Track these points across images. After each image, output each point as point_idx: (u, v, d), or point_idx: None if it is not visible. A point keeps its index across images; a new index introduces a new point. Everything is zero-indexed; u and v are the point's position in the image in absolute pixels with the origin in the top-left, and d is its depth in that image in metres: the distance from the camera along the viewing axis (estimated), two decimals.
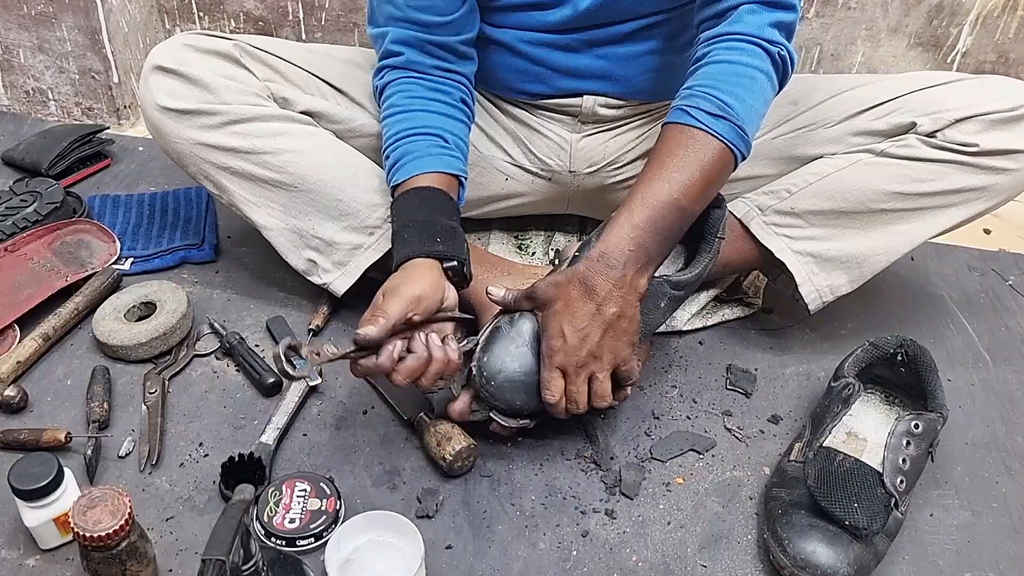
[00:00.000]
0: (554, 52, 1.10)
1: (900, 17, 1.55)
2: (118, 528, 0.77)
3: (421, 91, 1.06)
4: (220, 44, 1.08)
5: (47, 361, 1.12)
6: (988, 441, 1.08)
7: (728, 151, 0.93)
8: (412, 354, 0.91)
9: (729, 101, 0.92)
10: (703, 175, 0.92)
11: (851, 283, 1.11)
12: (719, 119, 0.92)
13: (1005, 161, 1.03)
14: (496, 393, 0.95)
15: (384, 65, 1.08)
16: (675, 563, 0.92)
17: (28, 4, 1.54)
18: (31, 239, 1.25)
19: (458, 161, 1.05)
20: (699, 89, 0.93)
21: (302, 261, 1.13)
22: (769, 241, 1.11)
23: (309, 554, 0.90)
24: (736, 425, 1.08)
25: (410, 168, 1.01)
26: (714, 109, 0.92)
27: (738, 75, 0.94)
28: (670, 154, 0.93)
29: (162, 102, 1.06)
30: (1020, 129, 1.02)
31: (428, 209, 0.99)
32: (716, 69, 0.94)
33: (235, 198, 1.11)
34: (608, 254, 0.91)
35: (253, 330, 1.18)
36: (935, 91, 1.06)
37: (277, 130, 1.07)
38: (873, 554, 0.89)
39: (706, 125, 0.92)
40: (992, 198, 1.06)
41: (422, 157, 1.02)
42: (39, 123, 1.65)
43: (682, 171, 0.92)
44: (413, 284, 0.93)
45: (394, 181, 1.03)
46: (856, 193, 1.06)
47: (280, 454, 1.01)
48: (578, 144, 1.19)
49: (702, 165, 0.92)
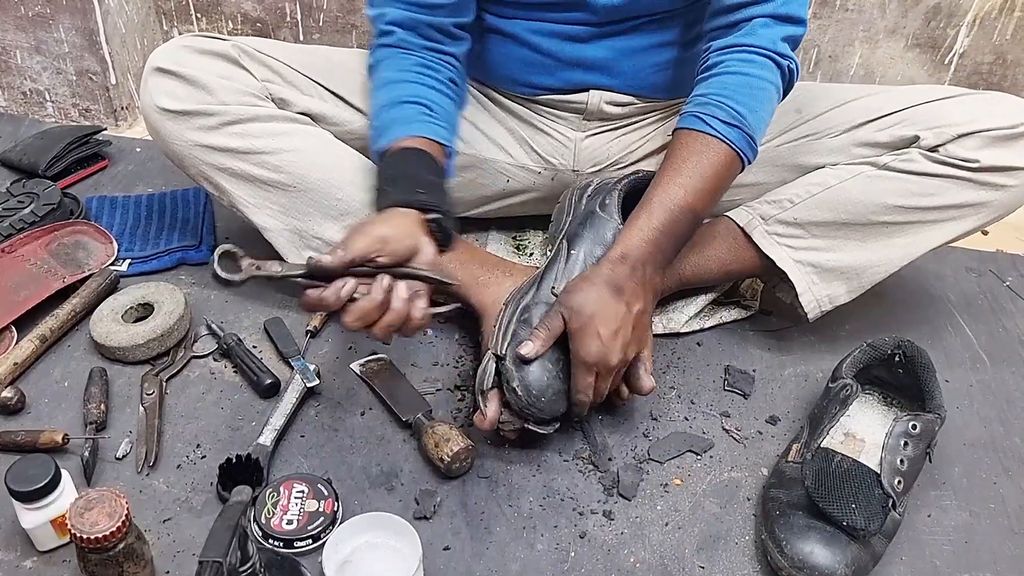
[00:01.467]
0: (562, 42, 1.10)
1: (898, 18, 1.55)
2: (115, 530, 0.77)
3: (410, 65, 1.06)
4: (218, 45, 1.08)
5: (44, 362, 1.12)
6: (986, 442, 1.08)
7: (738, 159, 0.99)
8: (366, 296, 0.85)
9: (742, 111, 0.97)
10: (716, 182, 0.98)
11: (849, 293, 1.12)
12: (732, 128, 0.97)
13: (1004, 178, 1.03)
14: (546, 407, 0.94)
15: (378, 44, 1.09)
16: (673, 564, 0.92)
17: (25, 5, 1.54)
18: (28, 240, 1.24)
19: (445, 131, 1.04)
20: (714, 98, 0.98)
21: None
22: (771, 250, 1.11)
23: (307, 556, 0.90)
24: (734, 426, 1.08)
25: (396, 132, 1.00)
26: (728, 118, 0.97)
27: (751, 87, 0.98)
28: (685, 160, 0.97)
29: (161, 103, 1.06)
30: (1020, 147, 1.03)
31: (413, 166, 0.98)
32: (731, 80, 0.98)
33: (235, 199, 1.11)
34: (629, 255, 0.95)
35: (251, 331, 1.18)
36: (939, 105, 1.07)
37: (275, 130, 1.07)
38: (871, 555, 0.89)
39: (721, 133, 0.96)
40: (990, 213, 1.07)
41: (410, 123, 1.02)
42: (36, 124, 1.65)
43: (697, 177, 0.97)
44: (382, 224, 0.89)
45: (380, 146, 1.01)
46: (858, 205, 1.07)
47: (277, 455, 1.01)
48: (582, 143, 1.19)
49: (716, 172, 0.97)
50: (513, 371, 0.93)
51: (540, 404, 0.94)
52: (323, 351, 1.15)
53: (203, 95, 1.06)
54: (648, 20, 1.08)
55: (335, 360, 1.14)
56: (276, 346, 1.14)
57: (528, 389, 0.93)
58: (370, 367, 1.12)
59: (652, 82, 1.14)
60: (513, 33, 1.11)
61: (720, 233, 1.15)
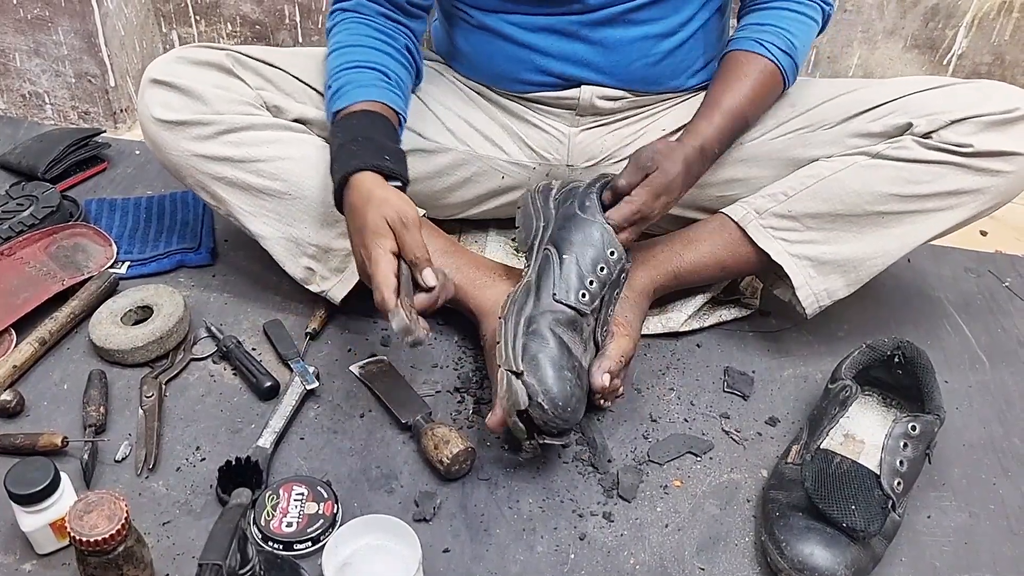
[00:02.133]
0: (548, 37, 1.11)
1: (896, 19, 1.55)
2: (115, 533, 0.77)
3: (367, 31, 1.07)
4: (213, 55, 1.09)
5: (43, 365, 1.12)
6: (985, 443, 1.08)
7: (782, 83, 1.11)
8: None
9: (795, 42, 1.09)
10: (765, 100, 1.12)
11: (848, 287, 1.12)
12: (786, 55, 1.09)
13: (1000, 163, 1.03)
14: (570, 417, 0.94)
15: (335, 8, 1.10)
16: (673, 566, 0.92)
17: (24, 8, 1.54)
18: (27, 243, 1.24)
19: (400, 100, 1.05)
20: (771, 27, 1.09)
21: (300, 269, 1.13)
22: (767, 244, 1.11)
23: (306, 558, 0.90)
24: (734, 427, 1.08)
25: (354, 95, 1.01)
26: (784, 47, 1.09)
27: (800, 22, 1.11)
28: (747, 75, 1.09)
29: (157, 114, 1.07)
30: (1014, 131, 1.02)
31: (376, 131, 0.99)
32: (785, 13, 1.11)
33: (232, 208, 1.11)
34: (706, 150, 1.07)
35: (250, 334, 1.18)
36: (931, 93, 1.07)
37: (270, 138, 1.08)
38: (871, 556, 0.89)
39: (776, 59, 1.08)
40: (987, 201, 1.06)
41: (367, 87, 1.02)
42: (35, 127, 1.64)
43: (753, 93, 1.09)
44: (405, 205, 0.92)
45: (335, 107, 1.02)
46: (852, 195, 1.07)
47: (277, 458, 1.01)
48: (576, 138, 1.19)
49: (767, 92, 1.11)
50: (536, 386, 0.92)
51: (566, 415, 0.93)
52: (322, 353, 1.15)
53: (198, 105, 1.06)
54: (633, 7, 1.08)
55: (334, 362, 1.14)
56: (275, 348, 1.14)
57: (554, 401, 0.92)
58: (369, 369, 1.12)
59: (643, 76, 1.14)
60: (501, 30, 1.11)
61: (715, 229, 1.15)
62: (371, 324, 1.19)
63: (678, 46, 1.13)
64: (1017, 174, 1.04)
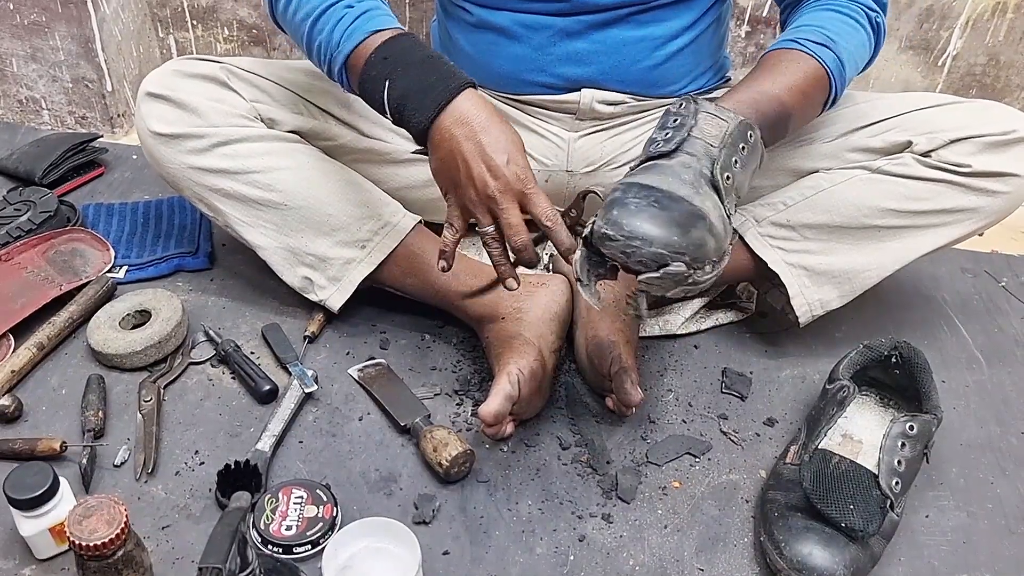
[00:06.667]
0: (553, 36, 1.11)
1: (891, 21, 1.56)
2: (114, 537, 0.77)
3: None
4: (207, 68, 1.09)
5: (42, 370, 1.12)
6: (983, 442, 1.08)
7: (826, 76, 0.97)
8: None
9: (833, 36, 0.98)
10: (804, 85, 0.96)
11: (841, 298, 1.13)
12: (822, 47, 0.97)
13: (996, 183, 1.04)
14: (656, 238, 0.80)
15: None
16: (672, 567, 0.92)
17: (21, 14, 1.54)
18: (25, 248, 1.24)
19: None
20: (805, 28, 1.00)
21: (297, 279, 1.14)
22: (764, 252, 1.11)
23: (306, 561, 0.90)
24: (732, 428, 1.08)
25: (384, 20, 0.96)
26: (819, 39, 0.98)
27: (842, 22, 1.01)
28: (776, 65, 0.97)
29: (153, 128, 1.07)
30: (1012, 153, 1.03)
31: (434, 52, 0.95)
32: (823, 14, 1.01)
33: (229, 219, 1.12)
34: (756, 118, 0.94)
35: (248, 338, 1.18)
36: (932, 112, 1.07)
37: (265, 150, 1.08)
38: (869, 556, 0.89)
39: (810, 50, 0.97)
40: (983, 219, 1.07)
41: (388, 16, 0.97)
42: (32, 132, 1.64)
43: (787, 77, 0.96)
44: (517, 138, 0.92)
45: (370, 29, 0.94)
46: (851, 208, 1.07)
47: (276, 461, 1.01)
48: (576, 143, 1.20)
49: (805, 77, 0.96)
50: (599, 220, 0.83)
51: (640, 235, 0.79)
52: (321, 357, 1.15)
53: (193, 118, 1.07)
54: (638, 10, 1.08)
55: (333, 365, 1.14)
56: (274, 352, 1.14)
57: (617, 222, 0.80)
58: (368, 372, 1.12)
59: (644, 79, 1.14)
60: (502, 26, 1.11)
61: None
62: (369, 327, 1.20)
63: (680, 50, 1.13)
64: (1014, 194, 1.05)
